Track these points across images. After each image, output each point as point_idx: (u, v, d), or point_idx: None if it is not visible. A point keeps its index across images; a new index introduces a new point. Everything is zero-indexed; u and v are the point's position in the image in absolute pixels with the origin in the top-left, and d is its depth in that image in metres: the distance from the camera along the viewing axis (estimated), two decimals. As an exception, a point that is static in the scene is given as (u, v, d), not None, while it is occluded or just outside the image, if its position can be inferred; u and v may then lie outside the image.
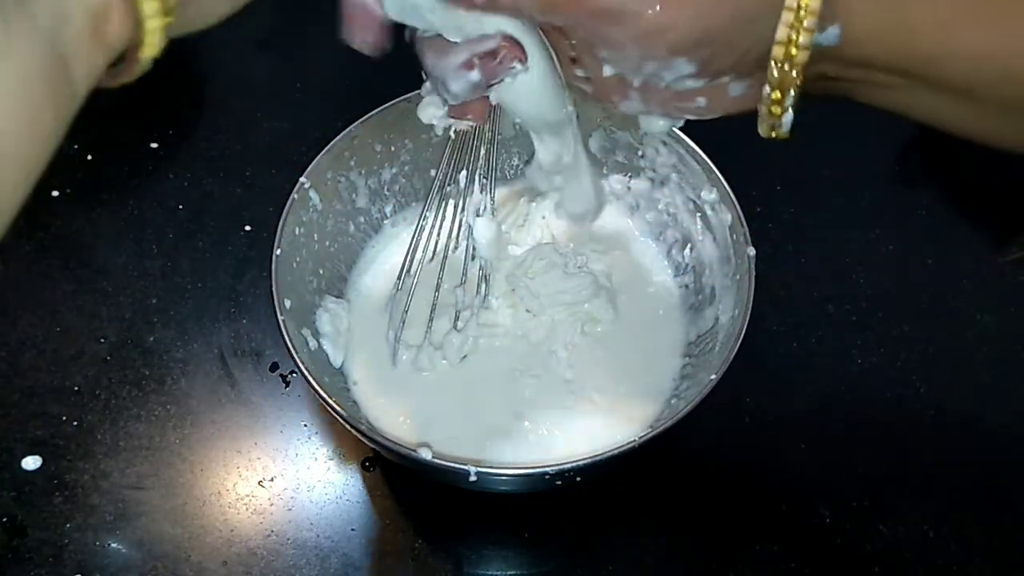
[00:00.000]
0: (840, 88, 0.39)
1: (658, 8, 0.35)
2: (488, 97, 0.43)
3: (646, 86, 0.39)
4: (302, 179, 0.58)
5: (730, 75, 0.38)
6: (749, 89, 0.38)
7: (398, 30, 0.41)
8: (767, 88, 0.37)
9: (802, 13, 0.34)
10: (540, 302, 0.61)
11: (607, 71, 0.39)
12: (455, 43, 0.40)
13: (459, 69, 0.40)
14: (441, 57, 0.40)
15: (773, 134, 0.39)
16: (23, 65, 0.27)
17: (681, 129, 0.53)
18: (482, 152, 0.56)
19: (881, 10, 0.35)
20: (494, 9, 0.38)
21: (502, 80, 0.41)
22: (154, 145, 0.76)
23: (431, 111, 0.48)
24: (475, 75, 0.40)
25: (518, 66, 0.40)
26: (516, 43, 0.40)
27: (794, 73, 0.36)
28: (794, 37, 0.35)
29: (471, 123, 0.46)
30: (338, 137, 0.60)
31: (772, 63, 0.36)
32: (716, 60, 0.37)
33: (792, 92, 0.36)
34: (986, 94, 0.37)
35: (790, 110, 0.37)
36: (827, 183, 0.73)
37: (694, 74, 0.37)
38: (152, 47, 0.32)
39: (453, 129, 0.58)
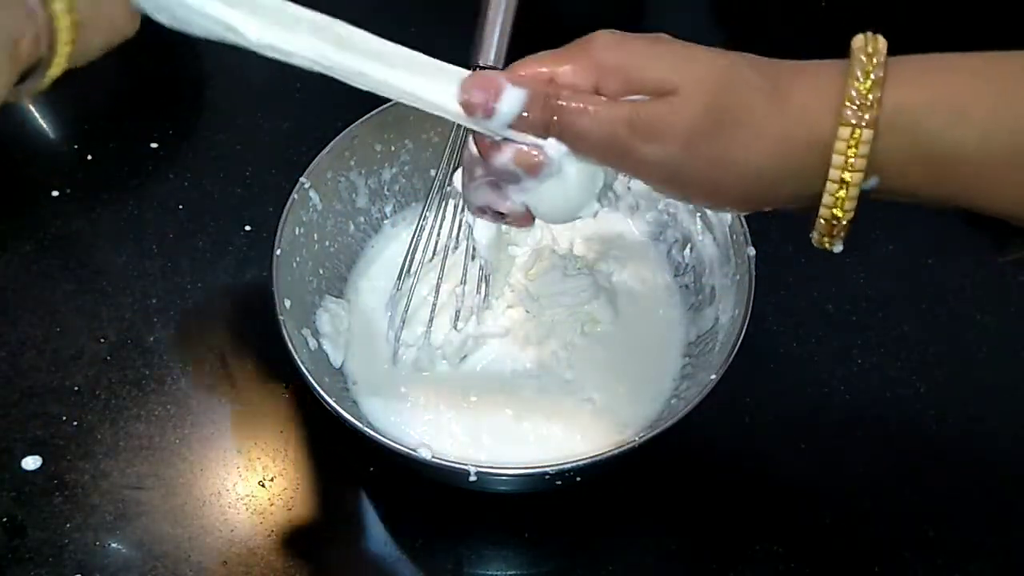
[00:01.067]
0: None
1: (708, 178, 0.38)
2: None
3: None
4: (302, 179, 0.58)
5: (771, 208, 0.40)
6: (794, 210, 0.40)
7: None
8: (816, 232, 0.39)
9: (846, 186, 0.36)
10: (540, 303, 0.61)
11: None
12: (478, 183, 0.42)
13: (476, 209, 0.44)
14: (467, 187, 0.43)
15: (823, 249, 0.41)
16: None
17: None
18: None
19: (920, 162, 0.36)
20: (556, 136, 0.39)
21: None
22: (154, 145, 0.76)
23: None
24: (488, 219, 0.44)
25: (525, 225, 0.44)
26: (528, 215, 0.42)
27: (844, 222, 0.37)
28: (840, 202, 0.36)
29: None
30: (338, 137, 0.60)
31: (819, 219, 0.38)
32: (759, 206, 0.40)
33: (842, 235, 0.38)
34: None
35: (840, 242, 0.39)
36: (827, 183, 0.73)
37: (736, 212, 0.41)
38: (59, 67, 0.40)
39: (453, 129, 0.59)
